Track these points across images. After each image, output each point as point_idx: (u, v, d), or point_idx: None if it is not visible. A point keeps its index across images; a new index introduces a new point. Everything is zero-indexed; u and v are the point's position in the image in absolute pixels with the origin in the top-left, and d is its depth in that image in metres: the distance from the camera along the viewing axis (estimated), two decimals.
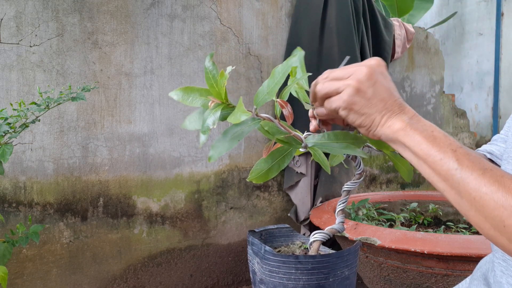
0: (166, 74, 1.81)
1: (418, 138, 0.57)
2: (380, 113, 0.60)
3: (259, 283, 0.84)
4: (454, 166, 0.54)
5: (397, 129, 0.59)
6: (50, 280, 1.60)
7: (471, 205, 0.52)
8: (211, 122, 0.55)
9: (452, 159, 0.54)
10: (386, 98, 0.60)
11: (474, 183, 0.52)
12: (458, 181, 0.53)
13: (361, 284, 1.85)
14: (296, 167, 2.01)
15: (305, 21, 2.06)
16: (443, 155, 0.55)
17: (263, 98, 0.58)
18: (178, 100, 0.59)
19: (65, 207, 1.62)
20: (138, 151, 1.75)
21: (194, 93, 0.59)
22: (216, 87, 0.57)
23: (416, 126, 0.58)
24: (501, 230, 0.49)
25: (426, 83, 2.70)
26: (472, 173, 0.52)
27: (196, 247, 1.90)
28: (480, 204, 0.51)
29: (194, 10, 1.86)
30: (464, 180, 0.52)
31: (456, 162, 0.54)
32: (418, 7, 3.45)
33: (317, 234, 0.71)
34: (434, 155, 0.55)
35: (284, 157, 0.62)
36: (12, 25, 1.52)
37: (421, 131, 0.58)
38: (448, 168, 0.54)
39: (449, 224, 1.80)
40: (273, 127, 0.61)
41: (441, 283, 1.27)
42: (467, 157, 0.54)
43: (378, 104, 0.60)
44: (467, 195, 0.52)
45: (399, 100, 0.61)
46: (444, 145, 0.56)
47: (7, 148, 1.02)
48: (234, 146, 0.57)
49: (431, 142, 0.56)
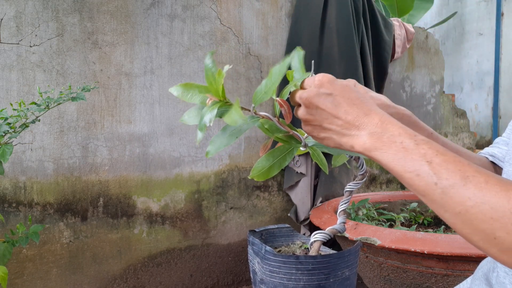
0: (166, 74, 1.81)
1: (387, 155, 0.52)
2: (337, 133, 0.56)
3: (259, 283, 0.84)
4: (433, 181, 0.49)
5: (363, 147, 0.54)
6: (50, 280, 1.60)
7: (456, 218, 0.48)
8: (208, 120, 0.55)
9: (429, 173, 0.49)
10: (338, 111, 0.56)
11: (457, 196, 0.47)
12: (440, 196, 0.48)
13: (361, 284, 1.85)
14: (296, 167, 2.01)
15: (305, 21, 2.06)
16: (418, 170, 0.50)
17: (261, 97, 0.59)
18: (177, 96, 0.59)
19: (65, 207, 1.62)
20: (138, 151, 1.75)
21: (193, 90, 0.59)
22: (215, 85, 0.57)
23: (383, 140, 0.53)
24: (492, 242, 0.45)
25: (426, 83, 2.70)
26: (453, 185, 0.47)
27: (196, 247, 1.90)
28: (467, 218, 0.46)
29: (194, 10, 1.86)
30: (446, 195, 0.48)
31: (434, 176, 0.49)
32: (418, 7, 3.45)
33: (318, 235, 0.71)
34: (409, 171, 0.50)
35: (285, 156, 0.62)
36: (12, 25, 1.52)
37: (390, 145, 0.52)
38: (426, 183, 0.49)
39: None
40: (273, 125, 0.61)
41: (441, 283, 1.27)
42: (445, 166, 0.49)
43: (333, 122, 0.56)
44: (451, 209, 0.48)
45: (356, 108, 0.56)
46: (418, 158, 0.50)
47: (7, 148, 1.02)
48: (232, 143, 0.57)
49: (403, 157, 0.51)
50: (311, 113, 0.57)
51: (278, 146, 0.63)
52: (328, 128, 0.56)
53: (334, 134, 0.56)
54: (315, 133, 0.59)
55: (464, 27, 3.74)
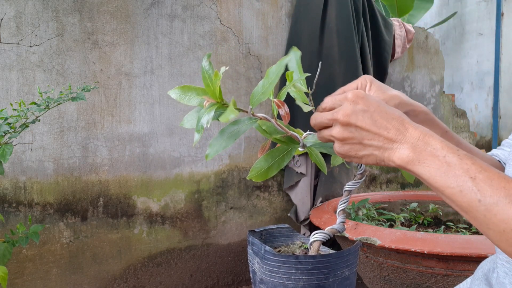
0: (166, 74, 1.81)
1: (429, 169, 0.51)
2: (379, 148, 0.55)
3: (259, 283, 0.84)
4: (476, 198, 0.48)
5: (405, 161, 0.53)
6: (50, 280, 1.60)
7: (500, 236, 0.47)
8: (205, 121, 0.55)
9: (472, 190, 0.48)
10: (378, 128, 0.55)
11: (501, 214, 0.46)
12: (483, 214, 0.47)
13: (361, 284, 1.86)
14: (296, 167, 2.01)
15: (305, 21, 2.06)
16: (461, 186, 0.49)
17: (258, 97, 0.59)
18: (176, 99, 0.60)
19: (65, 207, 1.62)
20: (138, 151, 1.75)
21: (191, 92, 0.60)
22: (212, 87, 0.58)
23: (425, 154, 0.52)
24: None
25: (426, 83, 2.70)
26: (497, 203, 0.46)
27: (196, 247, 1.90)
28: (511, 237, 0.46)
29: (194, 10, 1.86)
30: (489, 212, 0.47)
31: (478, 193, 0.48)
32: (418, 7, 3.45)
33: (317, 234, 0.71)
34: (452, 187, 0.49)
35: (284, 156, 0.62)
36: (12, 25, 1.52)
37: (432, 159, 0.51)
38: (469, 200, 0.48)
39: (449, 224, 1.80)
40: (271, 126, 0.61)
41: (441, 283, 1.27)
42: (489, 183, 0.48)
43: (374, 138, 0.55)
44: (494, 227, 0.47)
45: (396, 122, 0.55)
46: (461, 173, 0.49)
47: (7, 148, 1.02)
48: (230, 145, 0.57)
49: (446, 171, 0.50)
50: (350, 131, 0.55)
51: (277, 146, 0.63)
52: (369, 144, 0.55)
53: (375, 151, 0.55)
54: (352, 152, 0.57)
55: (464, 27, 3.74)
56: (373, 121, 0.54)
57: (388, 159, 0.55)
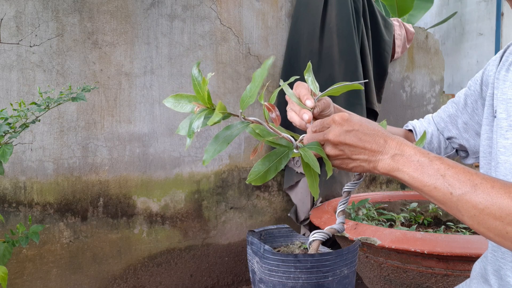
0: (166, 74, 1.81)
1: (408, 172, 0.61)
2: (365, 161, 0.64)
3: (258, 282, 0.84)
4: (449, 191, 0.57)
5: (387, 169, 0.63)
6: (50, 280, 1.60)
7: (472, 220, 0.56)
8: (196, 126, 0.59)
9: (444, 185, 0.58)
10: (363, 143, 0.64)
11: (470, 202, 0.56)
12: (456, 204, 0.57)
13: (361, 284, 1.85)
14: (296, 167, 2.01)
15: (305, 21, 2.06)
16: (435, 183, 0.58)
17: (247, 101, 0.62)
18: (170, 107, 0.64)
19: (65, 207, 1.62)
20: (138, 151, 1.75)
21: (183, 100, 0.63)
22: (201, 93, 0.61)
23: (402, 162, 0.61)
24: (505, 236, 0.54)
25: (426, 83, 2.70)
26: (465, 193, 0.56)
27: (196, 247, 1.90)
28: (481, 219, 0.55)
29: (194, 10, 1.86)
30: (461, 201, 0.57)
31: (449, 187, 0.57)
32: (418, 7, 3.45)
33: (316, 234, 0.71)
34: (428, 185, 0.59)
35: (281, 159, 0.64)
36: (12, 25, 1.52)
37: (409, 164, 0.61)
38: (443, 194, 0.58)
39: (449, 224, 1.80)
40: (264, 129, 0.64)
41: (441, 283, 1.27)
42: (457, 177, 0.57)
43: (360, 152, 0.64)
44: (466, 213, 0.57)
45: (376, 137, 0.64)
46: (433, 172, 0.59)
47: (7, 148, 1.02)
48: (224, 149, 0.61)
49: (421, 173, 0.60)
50: (340, 149, 0.65)
51: (274, 150, 0.65)
52: (357, 158, 0.64)
53: (362, 163, 0.64)
54: (344, 165, 0.67)
55: (464, 27, 3.74)
56: (358, 139, 0.64)
57: (374, 169, 0.64)
